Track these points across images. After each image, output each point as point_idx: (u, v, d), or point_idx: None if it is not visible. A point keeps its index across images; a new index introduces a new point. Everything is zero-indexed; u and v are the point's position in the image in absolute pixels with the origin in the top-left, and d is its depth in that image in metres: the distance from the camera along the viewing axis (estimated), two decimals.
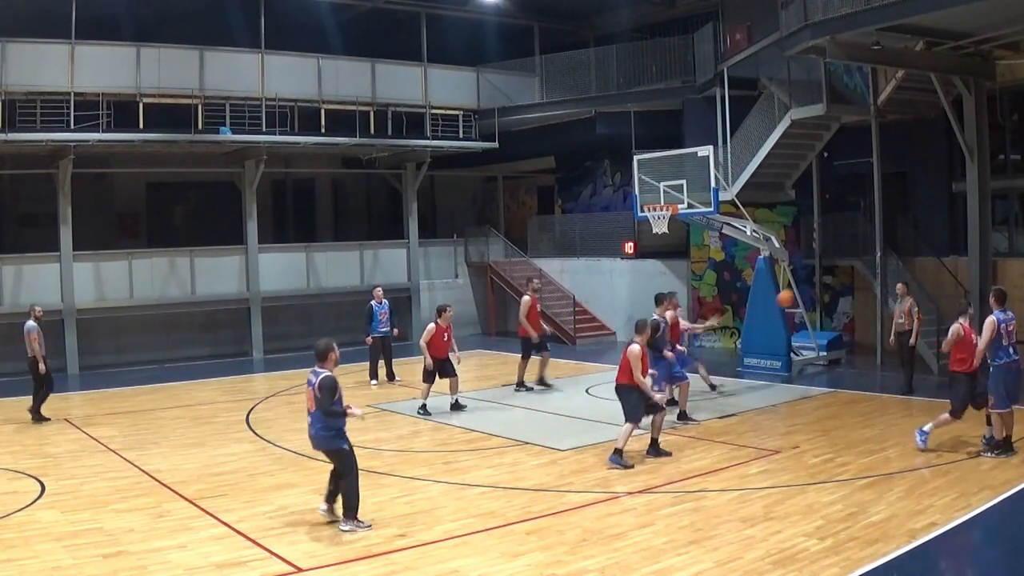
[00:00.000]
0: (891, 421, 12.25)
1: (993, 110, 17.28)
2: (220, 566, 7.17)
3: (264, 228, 22.66)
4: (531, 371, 15.70)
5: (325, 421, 8.03)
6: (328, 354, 8.17)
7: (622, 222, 22.53)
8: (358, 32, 22.99)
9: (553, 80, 23.71)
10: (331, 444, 8.11)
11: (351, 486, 8.11)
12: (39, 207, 20.77)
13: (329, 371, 8.10)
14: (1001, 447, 9.95)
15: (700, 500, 8.82)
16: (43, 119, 17.73)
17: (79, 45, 18.12)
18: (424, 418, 13.24)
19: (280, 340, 21.74)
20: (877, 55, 15.07)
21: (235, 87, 19.88)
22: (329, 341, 8.27)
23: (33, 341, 13.33)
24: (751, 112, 19.27)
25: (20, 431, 12.85)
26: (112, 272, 19.64)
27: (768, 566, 6.93)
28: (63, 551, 7.53)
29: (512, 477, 9.84)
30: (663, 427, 10.84)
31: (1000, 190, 17.49)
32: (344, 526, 8.07)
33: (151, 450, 11.44)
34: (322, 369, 8.12)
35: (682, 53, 21.97)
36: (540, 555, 7.33)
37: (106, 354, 19.80)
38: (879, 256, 17.36)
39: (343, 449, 8.10)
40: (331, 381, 7.99)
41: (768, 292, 16.34)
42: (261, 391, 16.42)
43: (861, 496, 8.66)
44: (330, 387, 7.97)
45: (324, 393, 7.92)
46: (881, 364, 17.00)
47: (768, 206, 20.05)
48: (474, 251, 25.07)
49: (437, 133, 22.83)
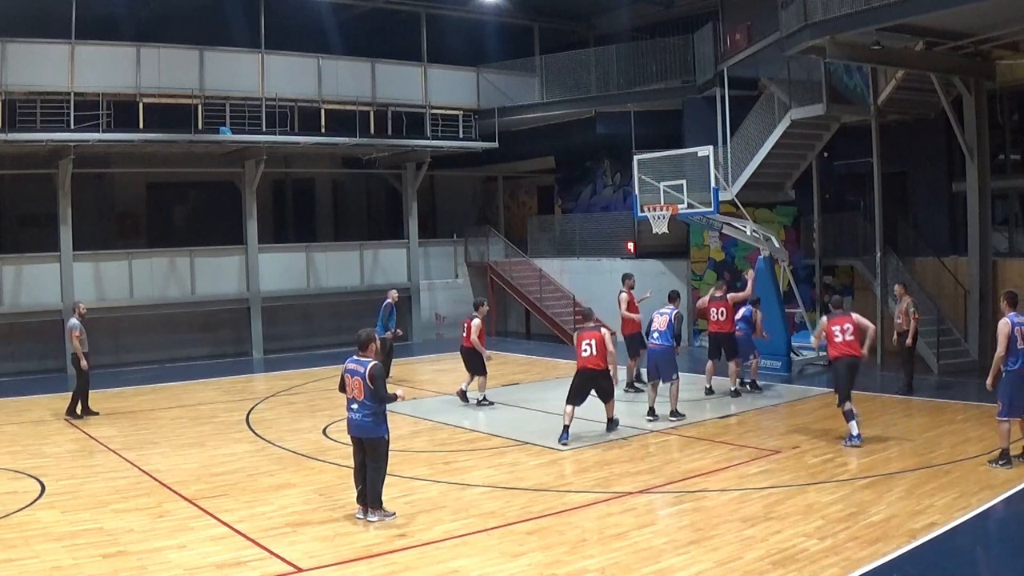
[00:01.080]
0: (891, 421, 12.25)
1: (993, 110, 17.30)
2: (220, 566, 7.16)
3: (264, 228, 22.66)
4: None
5: (373, 408, 8.22)
6: (369, 344, 8.42)
7: (622, 222, 22.52)
8: (358, 32, 22.98)
9: (553, 80, 23.71)
10: (375, 432, 8.28)
11: (382, 476, 8.31)
12: (39, 207, 20.76)
13: (373, 359, 8.32)
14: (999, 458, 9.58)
15: (700, 500, 8.82)
16: (43, 119, 17.73)
17: (79, 45, 18.12)
18: (424, 414, 13.36)
19: (280, 340, 21.75)
20: (877, 55, 15.07)
21: (235, 87, 19.88)
22: (371, 331, 8.65)
23: (74, 338, 13.61)
24: (751, 112, 19.27)
25: (20, 431, 12.84)
26: (112, 272, 19.64)
27: (768, 566, 6.92)
28: (63, 551, 7.53)
29: (512, 477, 9.84)
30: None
31: (1000, 190, 17.50)
32: (373, 517, 8.21)
33: (151, 450, 11.44)
34: (366, 358, 8.32)
35: (682, 53, 21.97)
36: (540, 555, 7.33)
37: (106, 354, 19.75)
38: (879, 256, 17.36)
39: (384, 438, 8.33)
40: (381, 369, 8.31)
41: (768, 292, 16.34)
42: (261, 391, 16.42)
43: (861, 496, 8.66)
44: (381, 375, 8.26)
45: (378, 381, 8.19)
46: (881, 364, 17.00)
47: (768, 206, 20.06)
48: (474, 251, 25.07)
49: (437, 133, 22.83)
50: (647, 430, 11.99)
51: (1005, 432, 9.53)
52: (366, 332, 8.51)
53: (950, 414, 12.47)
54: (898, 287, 14.84)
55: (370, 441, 8.32)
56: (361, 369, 8.23)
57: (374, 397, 8.19)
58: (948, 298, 17.45)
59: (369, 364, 8.23)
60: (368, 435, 8.30)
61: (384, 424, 8.32)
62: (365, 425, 8.28)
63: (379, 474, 8.30)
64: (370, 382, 8.16)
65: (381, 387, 8.20)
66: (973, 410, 12.40)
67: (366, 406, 8.23)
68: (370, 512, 8.26)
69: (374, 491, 8.27)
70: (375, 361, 8.30)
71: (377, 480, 8.29)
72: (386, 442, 8.35)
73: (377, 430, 8.27)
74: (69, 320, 14.00)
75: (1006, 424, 9.52)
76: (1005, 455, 9.53)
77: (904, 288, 14.77)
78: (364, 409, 8.25)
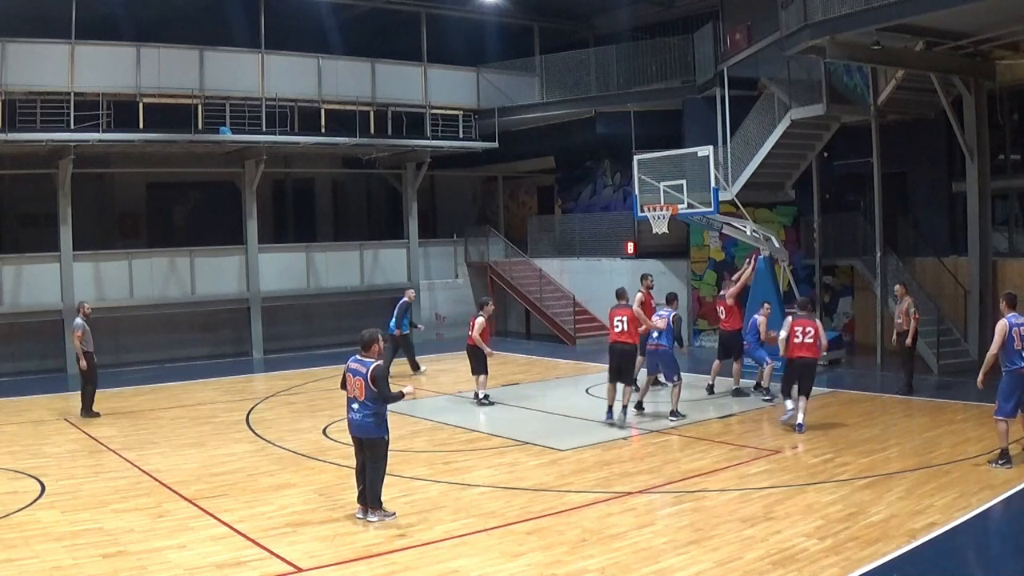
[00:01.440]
0: (891, 421, 12.26)
1: (993, 110, 17.29)
2: (220, 566, 7.16)
3: (264, 228, 22.66)
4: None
5: (374, 408, 8.22)
6: (372, 344, 8.39)
7: (622, 222, 22.52)
8: (358, 32, 22.99)
9: (553, 80, 23.71)
10: (376, 432, 8.28)
11: (381, 476, 8.32)
12: (39, 207, 20.76)
13: (376, 360, 8.29)
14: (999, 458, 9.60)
15: (700, 500, 8.82)
16: (43, 119, 17.72)
17: (79, 45, 18.12)
18: (422, 414, 13.37)
19: (280, 340, 21.75)
20: (877, 55, 15.08)
21: (235, 87, 19.88)
22: (374, 331, 8.54)
23: (76, 338, 13.63)
24: (751, 112, 19.26)
25: (20, 431, 12.84)
26: (112, 272, 19.64)
27: (768, 566, 6.92)
28: (63, 551, 7.53)
29: (512, 477, 9.84)
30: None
31: (1000, 190, 17.49)
32: (372, 517, 8.23)
33: (151, 450, 11.44)
34: (368, 359, 8.30)
35: (682, 53, 21.97)
36: (540, 555, 7.33)
37: (106, 354, 19.69)
38: (879, 256, 17.36)
39: (383, 439, 8.32)
40: (383, 370, 8.28)
41: (768, 292, 16.33)
42: (261, 391, 16.42)
43: (861, 496, 8.66)
44: (383, 376, 8.24)
45: (380, 382, 8.16)
46: (881, 364, 17.01)
47: (768, 206, 20.05)
48: (474, 251, 25.07)
49: (437, 133, 22.83)
50: (647, 430, 12.01)
51: (1003, 432, 9.57)
52: (369, 332, 8.47)
53: (950, 414, 12.48)
54: (899, 287, 14.86)
55: (370, 441, 8.32)
56: (363, 370, 8.21)
57: (376, 398, 8.19)
58: (948, 298, 17.45)
59: (372, 365, 8.21)
60: (368, 436, 8.30)
61: (384, 425, 8.33)
62: (365, 426, 8.28)
63: (378, 474, 8.31)
64: (372, 384, 8.15)
65: (384, 388, 8.19)
66: (973, 410, 12.38)
67: (367, 407, 8.23)
68: (370, 512, 8.27)
69: (373, 491, 8.28)
70: (378, 362, 8.29)
71: (376, 480, 8.30)
72: (386, 443, 8.35)
73: (377, 431, 8.27)
74: (74, 320, 14.01)
75: (1003, 424, 9.55)
76: (1005, 455, 9.55)
77: (905, 288, 14.77)
78: (365, 409, 8.26)
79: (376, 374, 8.15)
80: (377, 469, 8.30)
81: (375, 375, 8.15)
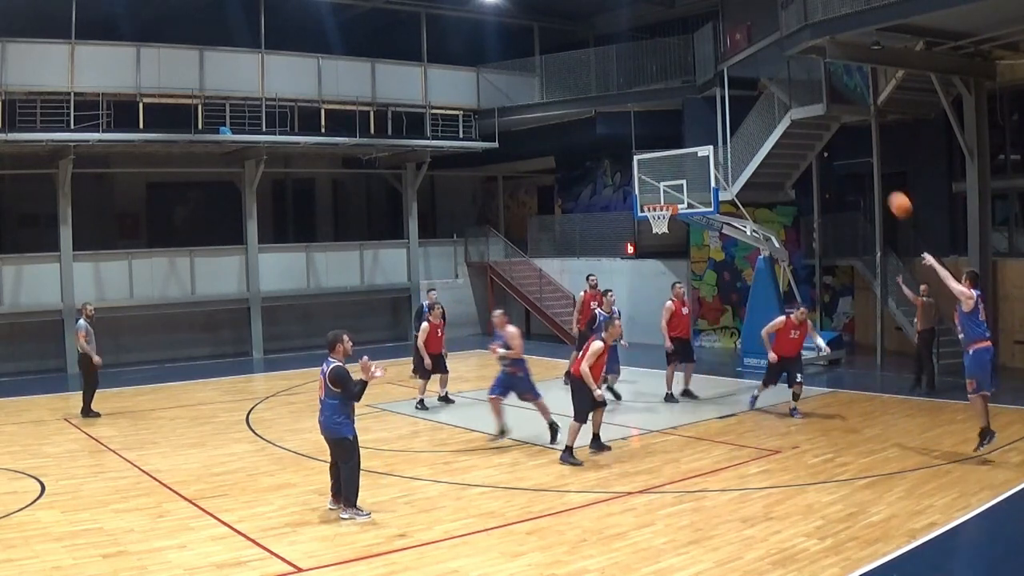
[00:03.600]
0: (891, 421, 12.25)
1: (993, 110, 17.27)
2: (220, 566, 7.16)
3: (264, 228, 22.66)
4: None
5: (335, 408, 8.28)
6: (336, 344, 8.41)
7: (622, 222, 22.52)
8: (358, 32, 22.99)
9: (553, 80, 23.71)
10: (337, 432, 8.32)
11: (351, 475, 8.31)
12: (39, 207, 20.76)
13: (339, 361, 8.32)
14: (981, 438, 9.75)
15: (700, 500, 8.82)
16: (43, 119, 17.73)
17: (79, 45, 18.12)
18: (422, 414, 13.35)
19: (280, 340, 21.74)
20: (877, 55, 15.07)
21: (235, 87, 19.88)
22: (338, 332, 8.54)
23: (80, 339, 13.64)
24: (751, 112, 19.27)
25: (20, 431, 12.84)
26: (112, 272, 19.65)
27: (768, 566, 6.92)
28: (63, 551, 7.53)
29: (512, 477, 9.84)
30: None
31: (1000, 190, 17.48)
32: (344, 515, 8.26)
33: (151, 450, 11.44)
34: (333, 359, 8.34)
35: (682, 53, 21.98)
36: (540, 555, 7.33)
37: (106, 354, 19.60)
38: (879, 256, 17.35)
39: (347, 438, 8.32)
40: (340, 372, 8.23)
41: (768, 292, 16.33)
42: (261, 391, 16.42)
43: (861, 496, 8.66)
44: (342, 377, 8.21)
45: (341, 382, 8.19)
46: (881, 364, 17.00)
47: (768, 206, 20.05)
48: (474, 251, 25.07)
49: (437, 133, 22.83)
50: (647, 430, 12.01)
51: (982, 409, 9.70)
52: (333, 333, 8.52)
53: (950, 414, 12.46)
54: (923, 287, 14.64)
55: (334, 441, 8.40)
56: (326, 369, 8.30)
57: (336, 397, 8.25)
58: (948, 298, 17.36)
59: (332, 366, 8.27)
60: (331, 435, 8.38)
61: (348, 424, 8.32)
62: (329, 425, 8.37)
63: (352, 473, 8.32)
64: (332, 384, 8.23)
65: (347, 387, 8.21)
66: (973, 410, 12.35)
67: (328, 406, 8.33)
68: (343, 510, 8.31)
69: (348, 491, 8.31)
70: (336, 363, 8.30)
71: (350, 479, 8.31)
72: (350, 441, 8.33)
73: (339, 430, 8.31)
74: (77, 321, 14.01)
75: (980, 400, 9.69)
76: (985, 432, 9.68)
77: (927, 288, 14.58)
78: (326, 409, 8.36)
79: (334, 375, 8.21)
80: (350, 468, 8.32)
81: (333, 376, 8.22)
